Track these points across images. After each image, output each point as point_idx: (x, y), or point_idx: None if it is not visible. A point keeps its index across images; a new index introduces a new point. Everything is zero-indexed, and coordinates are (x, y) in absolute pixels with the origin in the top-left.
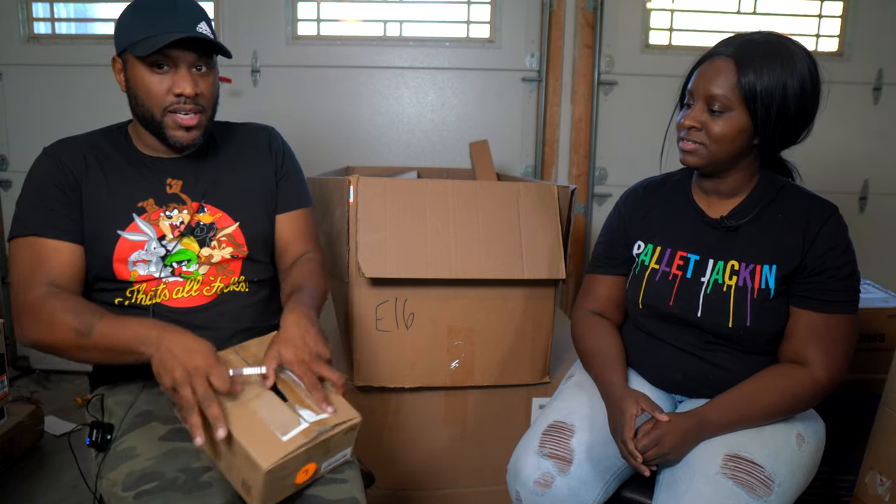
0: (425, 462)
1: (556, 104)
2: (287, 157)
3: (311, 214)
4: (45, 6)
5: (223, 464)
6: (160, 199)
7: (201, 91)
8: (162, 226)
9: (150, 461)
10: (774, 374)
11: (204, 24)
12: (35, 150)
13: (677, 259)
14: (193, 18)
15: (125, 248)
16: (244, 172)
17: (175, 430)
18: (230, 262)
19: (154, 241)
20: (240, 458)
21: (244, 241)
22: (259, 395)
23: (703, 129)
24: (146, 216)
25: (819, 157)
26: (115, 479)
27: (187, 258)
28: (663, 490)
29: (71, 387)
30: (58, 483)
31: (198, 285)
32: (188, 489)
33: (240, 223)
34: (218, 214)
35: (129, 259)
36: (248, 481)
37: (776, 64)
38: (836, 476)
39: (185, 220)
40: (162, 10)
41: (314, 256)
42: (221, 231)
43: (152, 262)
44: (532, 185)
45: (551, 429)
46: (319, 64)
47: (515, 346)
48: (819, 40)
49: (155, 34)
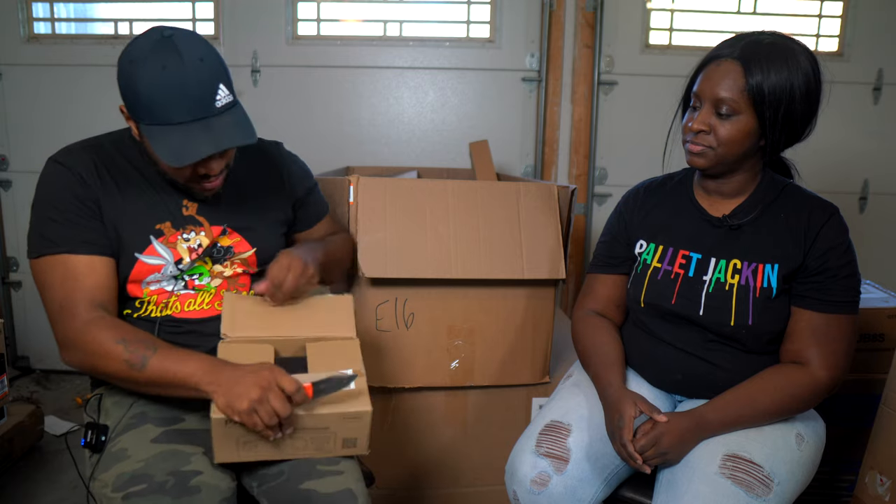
0: (425, 462)
1: (556, 104)
2: (305, 178)
3: (331, 215)
4: (45, 6)
5: (304, 447)
6: (177, 222)
7: (224, 161)
8: (179, 249)
9: (141, 463)
10: (774, 373)
11: (222, 88)
12: (35, 150)
13: (679, 258)
14: (210, 89)
15: (142, 271)
16: (260, 195)
17: (168, 433)
18: (241, 277)
19: (171, 265)
20: (333, 425)
21: (255, 263)
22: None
23: (710, 132)
24: (163, 239)
25: (819, 157)
26: (106, 480)
27: (200, 272)
28: (662, 490)
29: (71, 387)
30: (58, 483)
31: (209, 297)
32: (176, 493)
33: (256, 249)
34: (237, 239)
35: (144, 280)
36: (350, 436)
37: (783, 66)
38: (836, 476)
39: (203, 242)
40: (177, 90)
41: (343, 233)
42: (238, 255)
43: (165, 280)
44: (532, 185)
45: (548, 428)
46: (319, 64)
47: (515, 346)
48: (819, 40)
49: (174, 127)
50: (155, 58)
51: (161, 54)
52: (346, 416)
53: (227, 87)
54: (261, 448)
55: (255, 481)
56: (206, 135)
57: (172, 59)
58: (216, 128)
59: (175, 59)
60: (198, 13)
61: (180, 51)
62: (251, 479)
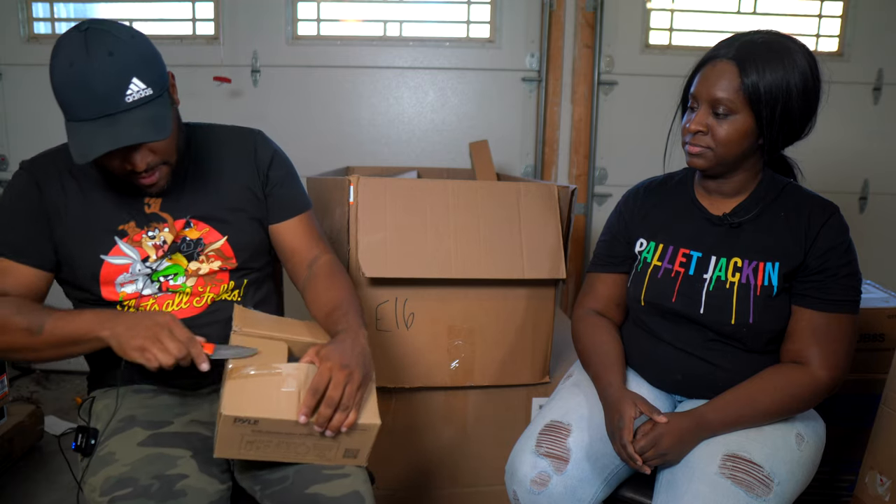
0: (425, 462)
1: (556, 104)
2: (276, 164)
3: (311, 217)
4: (45, 6)
5: (305, 452)
6: (140, 221)
7: (155, 157)
8: (145, 247)
9: (127, 467)
10: (774, 373)
11: (136, 82)
12: (35, 150)
13: (679, 256)
14: (118, 84)
15: (110, 271)
16: (227, 183)
17: (155, 436)
18: (218, 273)
19: (138, 262)
20: (343, 435)
21: (232, 254)
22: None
23: (708, 133)
24: (128, 239)
25: (819, 157)
26: (94, 484)
27: (174, 272)
28: (662, 490)
29: (71, 387)
30: (57, 483)
31: (187, 297)
32: (161, 497)
33: (227, 237)
34: (205, 229)
35: (115, 281)
36: (352, 447)
37: (778, 64)
38: (836, 476)
39: (168, 238)
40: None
41: (327, 259)
42: (209, 246)
43: (139, 280)
44: (532, 185)
45: (548, 428)
46: (319, 64)
47: (515, 346)
48: (819, 40)
49: (81, 124)
50: (64, 54)
51: (70, 50)
52: (355, 426)
53: (145, 80)
54: (263, 450)
55: (257, 485)
56: (107, 131)
57: (79, 54)
58: (122, 123)
59: (81, 55)
60: (198, 13)
61: (88, 46)
62: (253, 482)
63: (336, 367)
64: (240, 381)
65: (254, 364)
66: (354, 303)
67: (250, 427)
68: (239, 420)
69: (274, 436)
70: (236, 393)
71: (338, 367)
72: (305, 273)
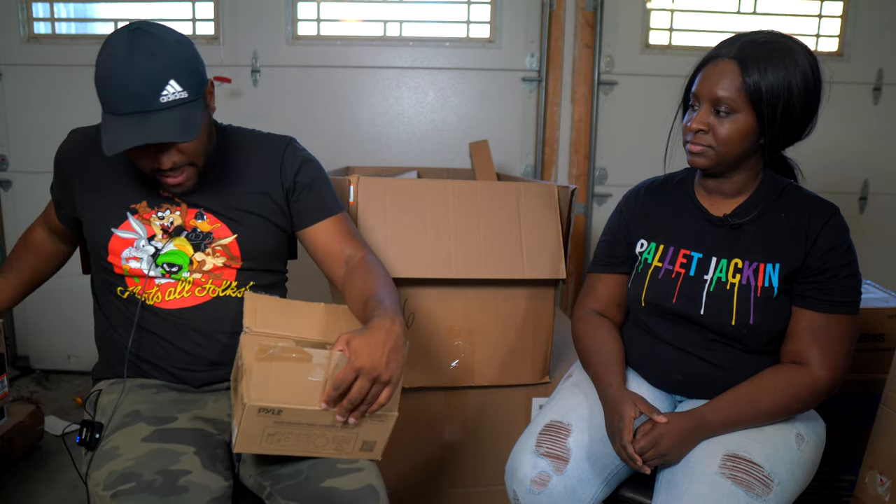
0: (425, 462)
1: (556, 104)
2: (304, 171)
3: (344, 220)
4: (45, 6)
5: (324, 445)
6: (152, 202)
7: (182, 157)
8: (153, 225)
9: (131, 462)
10: (775, 374)
11: (173, 84)
12: (35, 150)
13: (680, 257)
14: (155, 84)
15: (117, 243)
16: (247, 186)
17: (160, 432)
18: (223, 270)
19: (143, 239)
20: (363, 426)
21: (239, 254)
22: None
23: (709, 132)
24: (138, 216)
25: (819, 157)
26: (98, 478)
27: (179, 262)
28: (662, 490)
29: (71, 387)
30: (58, 483)
31: (189, 286)
32: (164, 492)
33: (237, 236)
34: (216, 224)
35: (121, 254)
36: (370, 439)
37: (779, 63)
38: (836, 476)
39: (177, 221)
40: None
41: (363, 255)
42: (218, 241)
43: (143, 260)
44: (532, 185)
45: (548, 428)
46: (319, 64)
47: (515, 346)
48: (819, 40)
49: (115, 117)
50: (110, 49)
51: (116, 46)
52: (374, 416)
53: (183, 83)
54: (283, 443)
55: (266, 481)
56: (138, 127)
57: (123, 51)
58: (152, 122)
59: (125, 52)
60: (198, 13)
61: (134, 44)
62: (262, 478)
63: (363, 370)
64: (265, 367)
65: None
66: (391, 293)
67: (273, 418)
68: (263, 410)
69: (295, 427)
70: (261, 382)
71: (364, 371)
72: (342, 271)
